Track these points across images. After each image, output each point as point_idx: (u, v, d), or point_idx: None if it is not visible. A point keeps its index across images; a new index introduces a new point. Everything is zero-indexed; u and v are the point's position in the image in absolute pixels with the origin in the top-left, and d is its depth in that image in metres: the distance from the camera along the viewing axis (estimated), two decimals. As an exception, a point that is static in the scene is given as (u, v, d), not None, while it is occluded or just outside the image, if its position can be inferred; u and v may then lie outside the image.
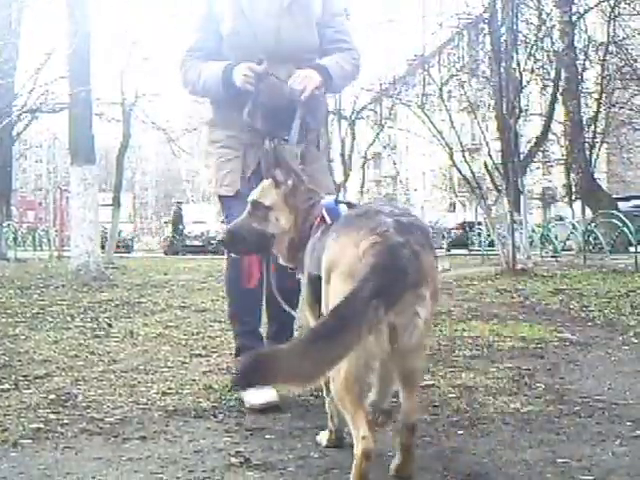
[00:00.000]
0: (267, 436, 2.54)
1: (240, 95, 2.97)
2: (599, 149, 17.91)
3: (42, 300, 6.97)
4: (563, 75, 15.01)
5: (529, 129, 17.02)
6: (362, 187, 26.70)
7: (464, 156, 12.41)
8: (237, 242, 2.55)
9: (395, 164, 38.96)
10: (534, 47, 12.83)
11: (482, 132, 12.11)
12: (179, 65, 3.24)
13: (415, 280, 1.85)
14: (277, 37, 3.06)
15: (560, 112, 16.60)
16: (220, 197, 3.19)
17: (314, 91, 2.93)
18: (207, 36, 3.19)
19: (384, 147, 32.45)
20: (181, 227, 26.64)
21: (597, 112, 17.32)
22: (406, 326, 1.89)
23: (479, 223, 23.62)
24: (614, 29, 16.55)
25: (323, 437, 2.41)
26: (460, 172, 12.52)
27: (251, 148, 3.06)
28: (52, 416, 2.78)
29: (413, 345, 1.92)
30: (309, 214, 2.43)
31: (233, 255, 2.82)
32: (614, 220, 12.66)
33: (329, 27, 3.19)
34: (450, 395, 3.09)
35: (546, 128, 13.38)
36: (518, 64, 11.34)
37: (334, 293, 1.94)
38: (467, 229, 26.24)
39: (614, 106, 17.64)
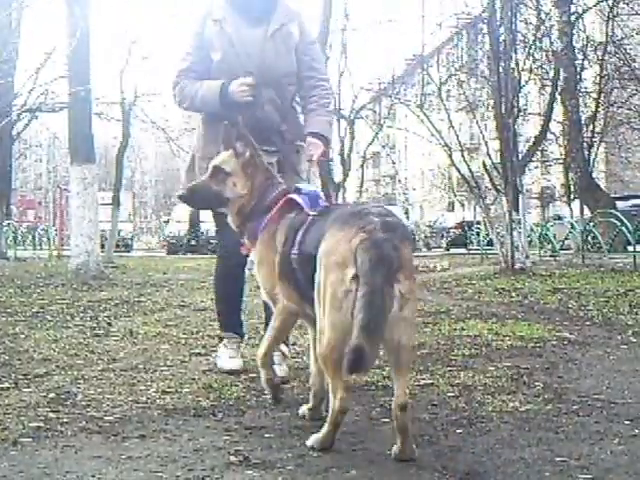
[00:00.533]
0: (266, 435, 2.55)
1: (233, 109, 3.30)
2: (597, 148, 17.88)
3: (42, 299, 6.98)
4: (562, 75, 14.97)
5: (528, 128, 17.03)
6: (361, 186, 26.68)
7: (463, 155, 12.42)
8: (195, 198, 2.94)
9: (394, 163, 39.01)
10: (533, 47, 12.80)
11: (481, 131, 12.12)
12: (172, 85, 3.58)
13: (395, 266, 2.20)
14: (260, 63, 3.42)
15: (559, 112, 16.57)
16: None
17: (320, 157, 3.44)
18: (198, 60, 3.53)
19: (383, 146, 32.48)
20: (198, 227, 26.37)
21: (595, 112, 17.30)
22: (389, 299, 2.18)
23: (478, 222, 23.67)
24: (612, 29, 16.53)
25: (305, 410, 2.72)
26: (459, 171, 12.53)
27: None
28: (52, 415, 2.78)
29: (397, 317, 2.19)
30: (266, 190, 2.80)
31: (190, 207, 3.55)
32: (612, 219, 12.68)
33: (306, 55, 3.58)
34: (449, 394, 3.10)
35: (545, 128, 13.34)
36: (517, 64, 11.32)
37: (328, 277, 2.25)
38: (466, 228, 26.28)
39: (612, 106, 17.63)
